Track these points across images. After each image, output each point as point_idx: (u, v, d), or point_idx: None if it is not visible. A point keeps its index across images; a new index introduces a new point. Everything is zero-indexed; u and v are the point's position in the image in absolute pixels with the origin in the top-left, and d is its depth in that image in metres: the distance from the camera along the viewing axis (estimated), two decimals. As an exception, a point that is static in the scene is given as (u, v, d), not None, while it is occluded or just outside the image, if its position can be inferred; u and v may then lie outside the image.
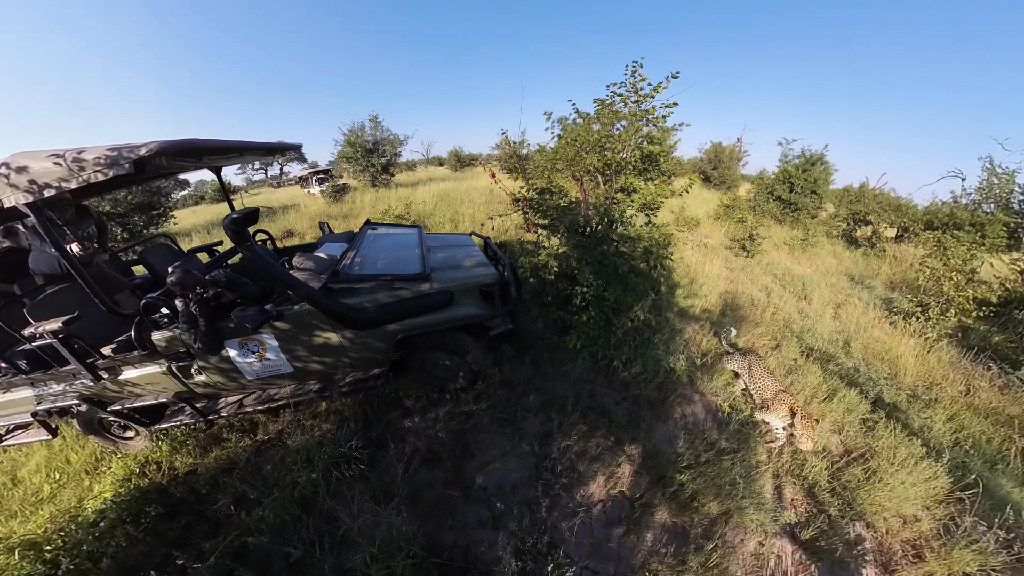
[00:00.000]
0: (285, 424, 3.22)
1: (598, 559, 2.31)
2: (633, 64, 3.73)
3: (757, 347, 4.28)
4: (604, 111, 3.98)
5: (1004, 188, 9.75)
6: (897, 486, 2.73)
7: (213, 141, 2.28)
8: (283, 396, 3.06)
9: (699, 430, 3.12)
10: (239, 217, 2.22)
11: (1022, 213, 9.34)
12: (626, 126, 3.97)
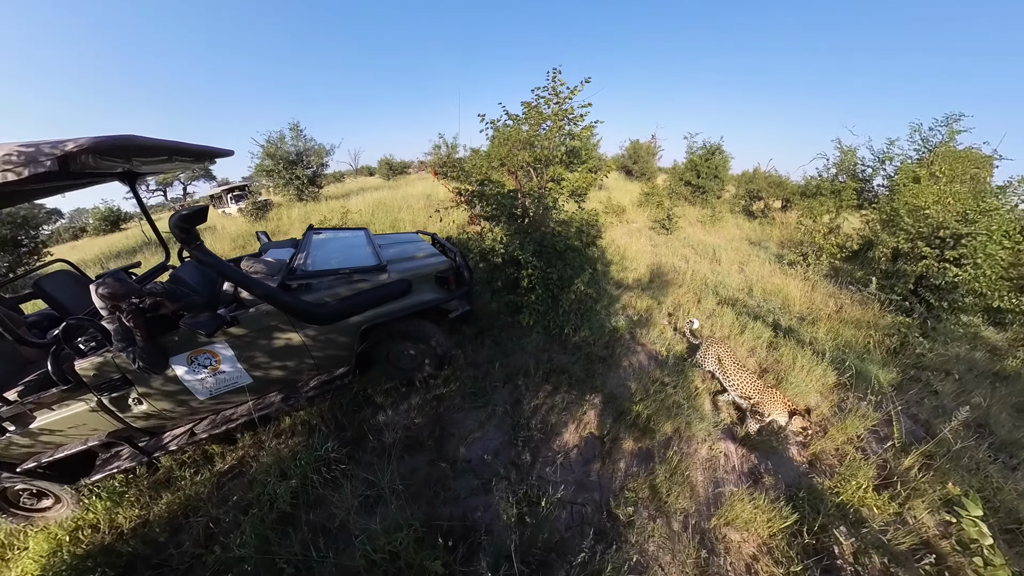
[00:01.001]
0: (247, 448, 2.97)
1: (583, 493, 2.57)
2: (553, 71, 4.21)
3: (684, 305, 4.94)
4: (531, 113, 4.39)
5: (850, 162, 12.02)
6: (799, 384, 3.43)
7: (150, 139, 1.99)
8: (242, 414, 2.82)
9: (645, 371, 3.60)
10: (188, 214, 2.11)
11: (865, 179, 11.60)
12: (551, 125, 4.42)
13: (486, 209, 4.28)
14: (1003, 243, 5.57)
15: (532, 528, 2.27)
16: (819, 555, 2.21)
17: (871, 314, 4.99)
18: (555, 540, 2.26)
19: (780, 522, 2.34)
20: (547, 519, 2.34)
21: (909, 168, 8.58)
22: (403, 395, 3.34)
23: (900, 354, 4.21)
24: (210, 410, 2.82)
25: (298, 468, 2.64)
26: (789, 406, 2.96)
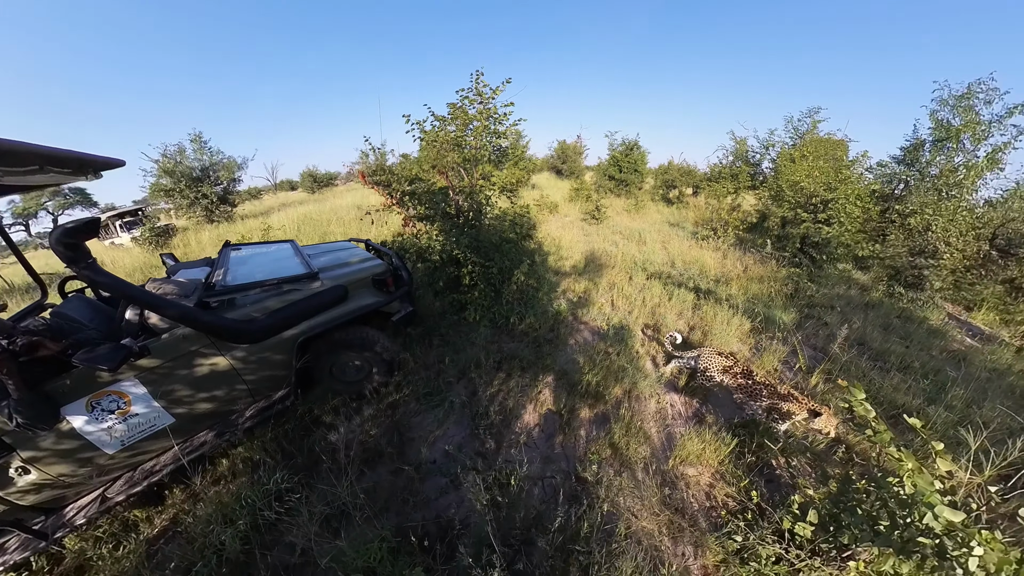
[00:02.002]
0: (179, 504, 2.54)
1: (550, 465, 2.65)
2: (476, 72, 4.32)
3: (617, 283, 5.31)
4: (457, 114, 4.44)
5: (742, 150, 13.81)
6: (723, 335, 3.88)
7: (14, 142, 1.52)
8: (167, 463, 2.42)
9: (590, 346, 3.82)
10: (74, 227, 1.77)
11: (755, 164, 13.39)
12: (477, 125, 4.52)
13: (419, 209, 4.25)
14: (856, 204, 6.84)
15: (507, 509, 2.29)
16: (760, 467, 2.53)
17: (770, 270, 5.85)
18: (532, 516, 2.30)
19: (725, 449, 2.63)
20: (520, 497, 2.37)
21: (786, 152, 10.17)
22: (354, 409, 3.16)
23: (795, 298, 4.95)
24: (124, 465, 2.36)
25: (245, 509, 2.35)
26: (807, 405, 2.67)
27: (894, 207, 9.03)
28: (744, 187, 12.27)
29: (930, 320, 5.95)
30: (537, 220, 5.51)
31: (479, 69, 4.33)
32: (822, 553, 1.89)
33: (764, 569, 1.90)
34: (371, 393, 3.18)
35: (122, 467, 2.37)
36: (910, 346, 4.58)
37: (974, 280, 8.24)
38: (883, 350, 4.18)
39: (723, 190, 10.26)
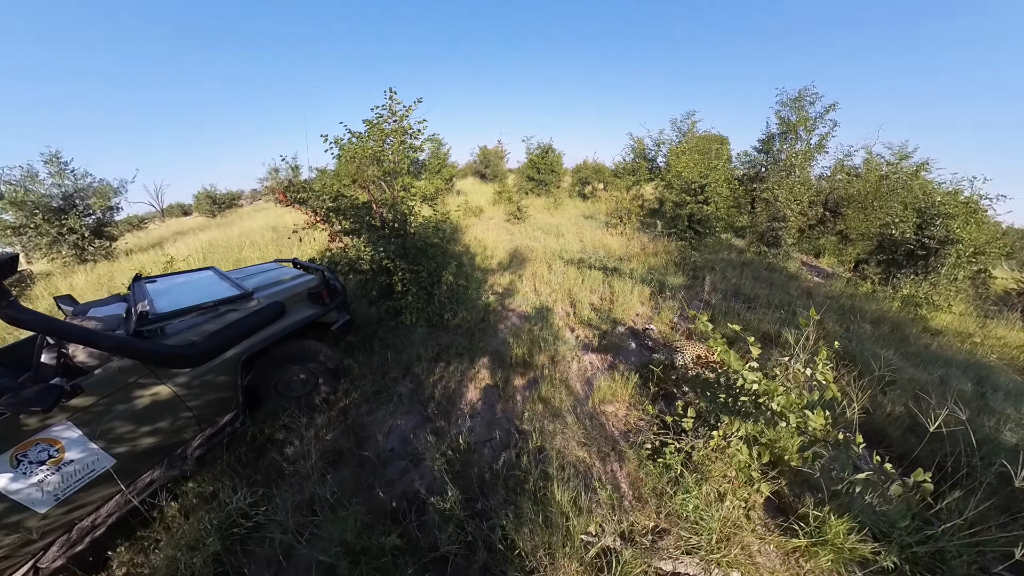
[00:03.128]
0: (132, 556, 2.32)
1: (494, 427, 3.07)
2: (389, 91, 4.61)
3: (538, 273, 5.95)
4: (373, 130, 4.67)
5: (640, 148, 15.59)
6: (628, 302, 4.68)
7: None
8: (112, 512, 2.19)
9: (517, 327, 4.35)
10: None
11: (652, 159, 15.23)
12: (393, 141, 4.80)
13: (344, 224, 4.44)
14: (724, 187, 8.40)
15: (461, 466, 2.67)
16: (663, 394, 3.22)
17: (663, 246, 6.98)
18: (486, 472, 2.68)
19: (631, 386, 3.29)
20: (471, 455, 2.77)
21: (673, 148, 11.87)
22: (306, 424, 3.16)
23: (683, 265, 6.01)
24: (61, 525, 2.10)
25: (211, 532, 2.29)
26: None
27: (757, 186, 11.16)
28: (644, 180, 14.02)
29: (788, 268, 7.52)
30: (463, 224, 6.01)
31: (391, 88, 4.65)
32: (701, 436, 2.57)
33: (668, 460, 2.51)
34: (321, 404, 3.27)
35: (58, 527, 2.10)
36: (773, 289, 5.84)
37: (817, 235, 10.47)
38: (753, 295, 5.32)
39: (624, 184, 11.81)
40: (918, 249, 7.21)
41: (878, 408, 3.32)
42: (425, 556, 2.30)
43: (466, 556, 2.29)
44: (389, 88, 4.63)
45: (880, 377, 3.49)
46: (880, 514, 2.29)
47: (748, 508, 2.36)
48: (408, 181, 4.85)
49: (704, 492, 2.31)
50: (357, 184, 4.78)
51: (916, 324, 5.73)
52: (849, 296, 6.12)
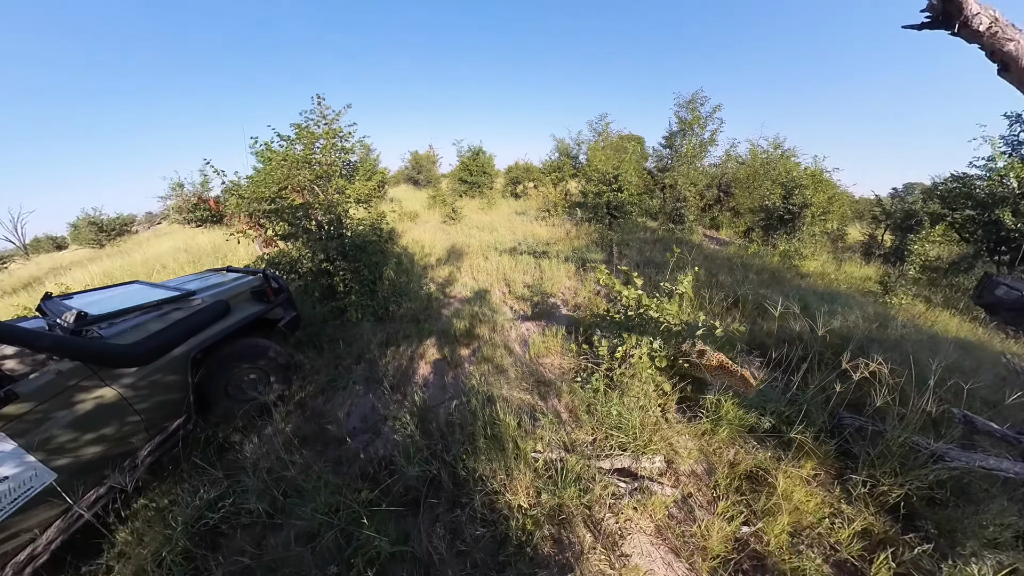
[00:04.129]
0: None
1: (446, 391, 3.42)
2: (317, 96, 4.71)
3: (475, 263, 6.38)
4: (302, 134, 4.74)
5: (564, 147, 16.75)
6: (556, 277, 5.29)
7: None
8: (53, 537, 2.00)
9: (459, 309, 4.75)
10: None
11: (574, 157, 16.47)
12: (324, 144, 4.90)
13: (280, 227, 4.50)
14: (635, 175, 9.55)
15: (421, 422, 2.98)
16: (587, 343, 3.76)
17: (586, 230, 7.83)
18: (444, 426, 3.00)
19: (561, 339, 3.84)
20: (430, 415, 3.08)
21: (592, 146, 13.06)
22: (261, 425, 3.20)
23: (602, 244, 6.82)
24: None
25: (177, 530, 2.22)
26: None
27: (663, 175, 12.73)
28: (568, 175, 15.16)
29: (693, 239, 8.74)
30: (399, 229, 6.33)
31: (319, 94, 4.79)
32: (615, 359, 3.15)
33: (594, 384, 3.05)
34: (275, 403, 3.27)
35: None
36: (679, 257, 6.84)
37: (715, 212, 12.17)
38: (663, 262, 6.22)
39: (549, 179, 12.79)
40: (786, 214, 8.88)
41: (756, 327, 4.20)
42: (398, 502, 2.58)
43: (435, 492, 2.61)
44: (317, 94, 4.78)
45: (757, 306, 4.42)
46: (760, 394, 3.02)
47: (664, 411, 2.97)
48: (342, 184, 5.02)
49: (626, 403, 2.87)
50: (290, 188, 4.84)
51: (790, 271, 7.07)
52: (740, 256, 7.36)
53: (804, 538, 2.24)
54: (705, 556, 2.12)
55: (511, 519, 2.24)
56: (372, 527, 2.20)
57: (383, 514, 2.41)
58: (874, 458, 2.53)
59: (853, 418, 2.88)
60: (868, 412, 2.84)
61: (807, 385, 3.05)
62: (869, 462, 2.52)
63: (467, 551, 2.22)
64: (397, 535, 2.24)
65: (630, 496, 2.41)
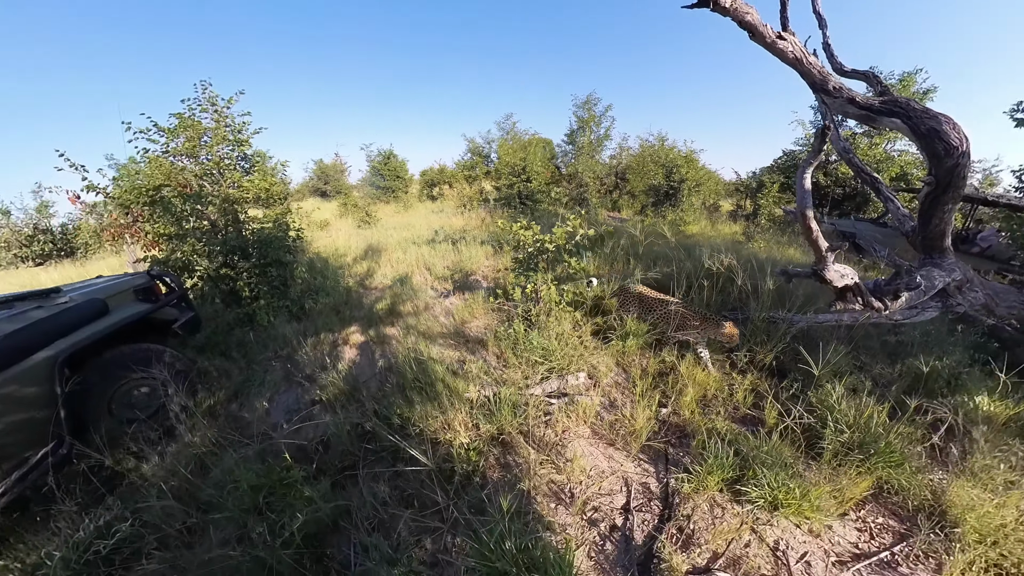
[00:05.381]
0: None
1: (376, 366, 3.38)
2: (202, 82, 4.20)
3: (395, 256, 6.33)
4: (185, 124, 4.21)
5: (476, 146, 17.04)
6: (474, 257, 5.51)
7: None
8: None
9: (380, 295, 4.72)
10: None
11: (486, 156, 16.93)
12: (213, 136, 4.38)
13: (163, 226, 4.00)
14: (542, 168, 10.28)
15: (352, 392, 2.94)
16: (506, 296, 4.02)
17: (499, 216, 8.26)
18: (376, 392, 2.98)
19: (483, 302, 4.05)
20: (360, 384, 3.05)
21: (501, 144, 13.66)
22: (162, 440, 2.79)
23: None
24: None
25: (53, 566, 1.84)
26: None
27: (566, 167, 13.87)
28: (482, 173, 15.61)
29: (597, 219, 9.65)
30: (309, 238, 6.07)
31: (205, 79, 4.31)
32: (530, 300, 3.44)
33: (515, 327, 3.29)
34: (177, 416, 2.77)
35: None
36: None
37: (616, 196, 13.56)
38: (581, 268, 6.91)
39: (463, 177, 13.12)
40: (669, 190, 10.36)
41: (653, 269, 4.86)
42: (336, 472, 2.53)
43: (374, 452, 2.61)
44: (201, 80, 4.33)
45: (653, 256, 5.13)
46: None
47: (582, 340, 3.32)
48: (237, 177, 4.62)
49: (547, 335, 3.17)
50: (175, 185, 4.33)
51: (678, 235, 8.25)
52: (636, 227, 8.41)
53: (710, 405, 2.74)
54: (636, 440, 2.44)
55: (454, 456, 2.34)
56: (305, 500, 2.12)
57: (322, 487, 2.34)
58: (748, 335, 3.18)
59: (731, 312, 3.58)
60: (736, 306, 3.58)
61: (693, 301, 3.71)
62: (746, 339, 3.16)
63: (414, 494, 2.28)
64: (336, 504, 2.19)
65: (561, 411, 2.68)
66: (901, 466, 2.11)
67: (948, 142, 2.78)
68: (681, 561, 1.79)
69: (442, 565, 1.93)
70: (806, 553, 1.87)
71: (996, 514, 1.85)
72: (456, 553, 1.98)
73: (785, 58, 3.44)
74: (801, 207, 2.64)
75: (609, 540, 1.95)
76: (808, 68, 3.50)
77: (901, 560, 1.85)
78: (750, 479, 2.07)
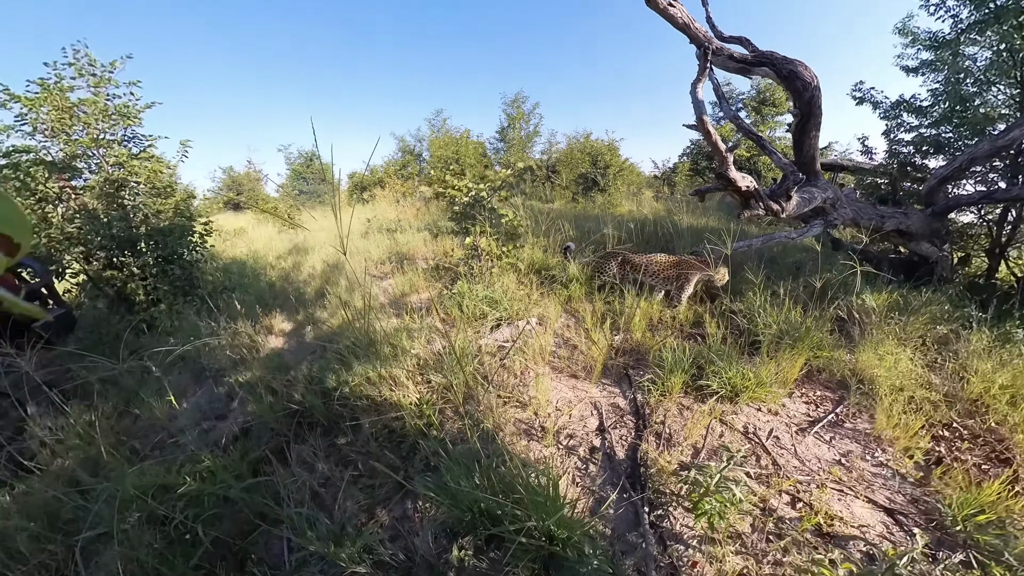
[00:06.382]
0: None
1: (311, 348, 3.05)
2: (74, 46, 3.49)
3: (325, 252, 5.86)
4: (52, 94, 3.45)
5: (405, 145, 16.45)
6: (412, 243, 5.28)
7: None
8: None
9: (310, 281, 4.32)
10: None
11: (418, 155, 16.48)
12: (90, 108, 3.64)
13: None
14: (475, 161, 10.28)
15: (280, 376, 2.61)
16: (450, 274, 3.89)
17: (434, 207, 8.11)
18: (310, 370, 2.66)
19: (425, 278, 3.87)
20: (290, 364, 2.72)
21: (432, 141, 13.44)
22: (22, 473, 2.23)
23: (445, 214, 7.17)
24: None
25: None
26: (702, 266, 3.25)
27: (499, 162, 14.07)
28: (414, 173, 15.21)
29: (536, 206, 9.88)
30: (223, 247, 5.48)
31: (79, 41, 3.57)
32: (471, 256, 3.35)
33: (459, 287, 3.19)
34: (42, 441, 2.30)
35: None
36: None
37: (548, 187, 14.01)
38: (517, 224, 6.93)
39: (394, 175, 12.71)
40: (596, 176, 10.99)
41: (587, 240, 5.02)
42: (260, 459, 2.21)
43: (309, 427, 2.33)
44: (73, 44, 3.56)
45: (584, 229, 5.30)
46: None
47: (530, 294, 3.30)
48: (124, 155, 3.90)
49: (492, 289, 3.11)
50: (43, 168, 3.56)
51: (608, 214, 8.71)
52: (568, 211, 8.76)
53: (657, 329, 2.90)
54: (595, 367, 2.48)
55: (405, 415, 2.16)
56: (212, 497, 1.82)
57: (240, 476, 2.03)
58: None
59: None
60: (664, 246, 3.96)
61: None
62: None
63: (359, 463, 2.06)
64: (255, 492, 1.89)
65: (517, 352, 2.60)
66: (821, 347, 2.43)
67: (804, 79, 3.42)
68: (667, 461, 1.82)
69: (405, 536, 1.71)
70: (772, 430, 2.04)
71: (895, 369, 2.21)
72: (420, 516, 1.80)
73: (676, 23, 3.94)
74: (698, 114, 2.98)
75: (591, 462, 1.93)
76: (695, 32, 4.00)
77: (844, 418, 2.12)
78: (709, 374, 2.24)
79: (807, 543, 1.41)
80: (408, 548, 1.66)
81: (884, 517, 1.56)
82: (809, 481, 1.72)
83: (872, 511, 1.59)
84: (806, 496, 1.64)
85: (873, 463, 1.85)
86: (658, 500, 1.67)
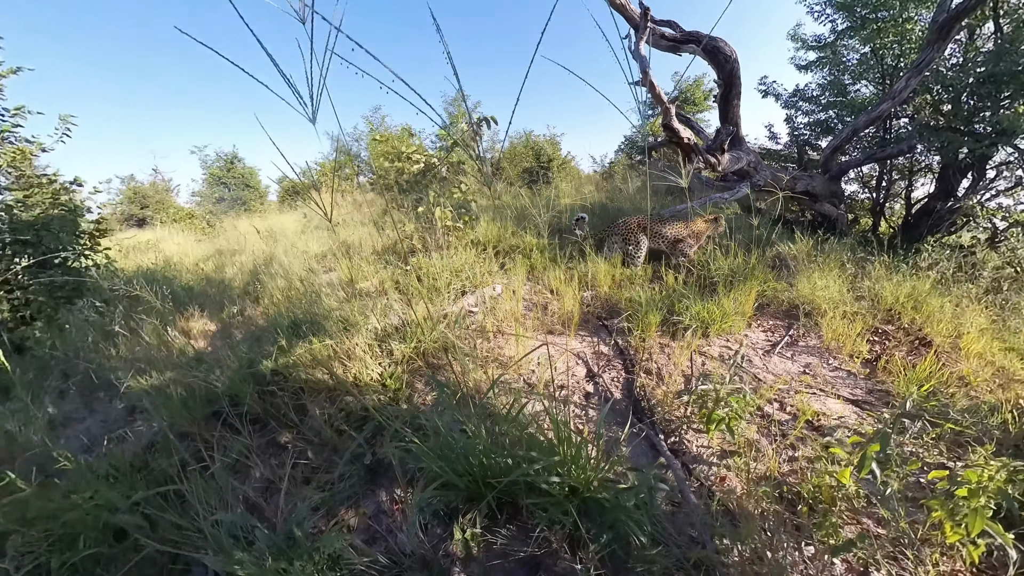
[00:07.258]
0: None
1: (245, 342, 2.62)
2: None
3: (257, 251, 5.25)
4: None
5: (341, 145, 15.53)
6: (355, 235, 4.91)
7: None
8: None
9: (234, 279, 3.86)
10: None
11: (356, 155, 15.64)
12: None
13: None
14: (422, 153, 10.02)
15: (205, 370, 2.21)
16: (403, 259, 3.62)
17: (382, 200, 7.70)
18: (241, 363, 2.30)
19: (374, 262, 3.60)
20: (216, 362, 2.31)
21: (371, 140, 12.83)
22: None
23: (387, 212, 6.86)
24: None
25: None
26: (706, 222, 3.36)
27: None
28: (353, 174, 14.48)
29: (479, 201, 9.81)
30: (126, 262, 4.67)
31: None
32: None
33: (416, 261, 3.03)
34: None
35: None
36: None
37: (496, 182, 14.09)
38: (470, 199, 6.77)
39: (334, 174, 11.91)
40: (540, 170, 11.28)
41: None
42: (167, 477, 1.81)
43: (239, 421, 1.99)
44: None
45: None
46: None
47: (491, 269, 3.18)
48: None
49: (455, 259, 2.96)
50: None
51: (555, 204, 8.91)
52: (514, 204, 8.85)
53: (622, 286, 2.98)
54: (569, 321, 2.52)
55: (366, 390, 1.93)
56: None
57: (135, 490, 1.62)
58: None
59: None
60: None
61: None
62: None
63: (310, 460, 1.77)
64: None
65: (486, 316, 2.52)
66: (767, 283, 2.74)
67: (725, 53, 3.89)
68: (664, 392, 1.89)
69: (385, 535, 1.44)
70: (744, 355, 2.22)
71: (826, 292, 2.53)
72: (401, 506, 1.53)
73: (613, 4, 4.23)
74: (642, 68, 3.23)
75: (589, 407, 1.92)
76: (631, 13, 4.28)
77: (797, 339, 2.35)
78: (680, 311, 2.40)
79: (808, 437, 1.54)
80: (391, 549, 1.37)
81: (853, 408, 1.72)
82: (787, 390, 1.88)
83: (843, 405, 1.78)
84: (789, 402, 1.78)
85: (830, 369, 2.10)
86: (668, 428, 1.72)
